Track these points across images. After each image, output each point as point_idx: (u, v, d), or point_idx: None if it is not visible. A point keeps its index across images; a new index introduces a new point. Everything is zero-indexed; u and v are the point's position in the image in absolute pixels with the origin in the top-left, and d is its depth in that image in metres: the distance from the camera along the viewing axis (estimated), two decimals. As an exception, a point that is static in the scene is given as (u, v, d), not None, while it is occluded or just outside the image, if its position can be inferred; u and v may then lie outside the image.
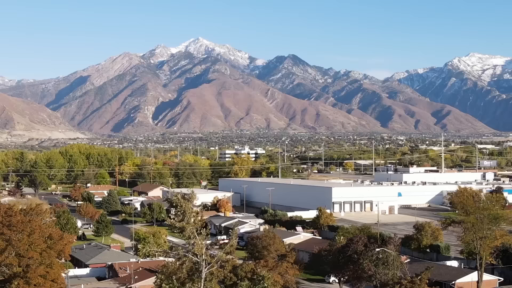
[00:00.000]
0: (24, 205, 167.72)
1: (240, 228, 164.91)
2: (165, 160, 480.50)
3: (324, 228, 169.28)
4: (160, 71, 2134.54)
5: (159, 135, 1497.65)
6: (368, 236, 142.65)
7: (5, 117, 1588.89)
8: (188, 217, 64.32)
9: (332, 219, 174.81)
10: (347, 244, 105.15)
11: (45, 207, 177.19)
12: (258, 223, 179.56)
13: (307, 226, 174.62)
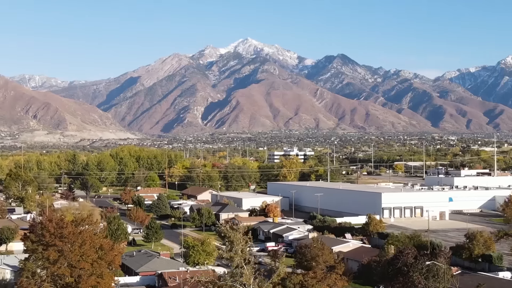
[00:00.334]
0: (76, 210, 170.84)
1: (289, 235, 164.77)
2: (214, 162, 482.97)
3: (373, 235, 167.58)
4: (209, 71, 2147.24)
5: (208, 136, 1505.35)
6: (418, 245, 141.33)
7: (58, 117, 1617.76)
8: (236, 247, 64.27)
9: (381, 226, 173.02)
10: (396, 255, 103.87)
11: (96, 212, 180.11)
12: (306, 229, 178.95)
13: (356, 233, 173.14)
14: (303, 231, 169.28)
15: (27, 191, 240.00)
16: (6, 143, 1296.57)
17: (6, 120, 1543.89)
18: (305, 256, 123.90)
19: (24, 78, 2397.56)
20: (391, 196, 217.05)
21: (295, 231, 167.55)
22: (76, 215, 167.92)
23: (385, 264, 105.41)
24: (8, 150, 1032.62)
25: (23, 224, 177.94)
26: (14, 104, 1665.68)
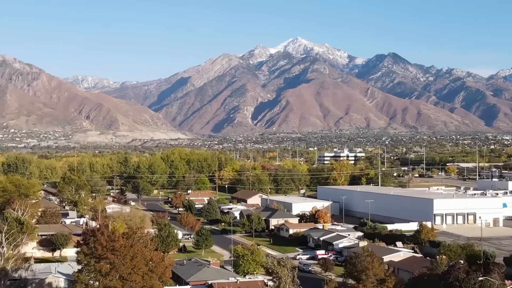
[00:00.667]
0: (128, 217, 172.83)
1: (339, 242, 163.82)
2: (263, 163, 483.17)
3: (425, 243, 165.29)
4: (259, 71, 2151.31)
5: (258, 135, 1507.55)
6: (471, 255, 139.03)
7: (110, 118, 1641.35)
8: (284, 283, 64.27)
9: (433, 234, 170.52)
10: (448, 270, 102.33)
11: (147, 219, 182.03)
12: (356, 236, 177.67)
13: (408, 241, 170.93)
14: (353, 239, 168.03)
15: (80, 195, 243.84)
16: (60, 144, 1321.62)
17: (60, 121, 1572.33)
18: (355, 267, 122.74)
19: (77, 79, 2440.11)
20: (443, 202, 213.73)
21: (345, 238, 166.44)
22: (127, 221, 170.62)
23: (437, 278, 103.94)
24: (62, 150, 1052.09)
25: (77, 229, 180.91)
26: (67, 105, 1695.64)
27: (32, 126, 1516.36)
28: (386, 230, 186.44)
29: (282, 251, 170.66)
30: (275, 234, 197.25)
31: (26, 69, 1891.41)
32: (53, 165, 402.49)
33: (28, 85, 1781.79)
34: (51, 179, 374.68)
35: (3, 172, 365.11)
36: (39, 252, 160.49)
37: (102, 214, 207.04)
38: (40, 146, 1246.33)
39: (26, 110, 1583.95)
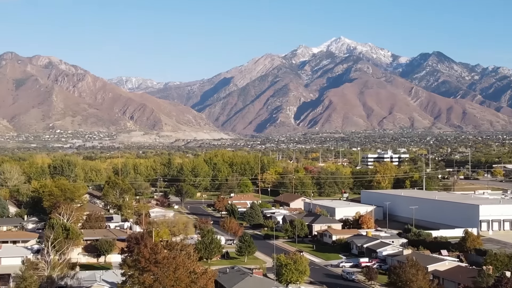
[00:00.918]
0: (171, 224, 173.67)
1: (383, 250, 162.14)
2: (306, 165, 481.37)
3: (470, 251, 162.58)
4: (301, 71, 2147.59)
5: (301, 135, 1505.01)
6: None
7: (154, 118, 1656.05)
8: None
9: (479, 242, 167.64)
10: (495, 284, 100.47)
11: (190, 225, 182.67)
12: (400, 243, 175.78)
13: (453, 248, 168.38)
14: (397, 246, 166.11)
15: (124, 199, 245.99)
16: (105, 144, 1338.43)
17: (105, 121, 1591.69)
18: (399, 278, 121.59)
19: (121, 80, 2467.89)
20: (489, 208, 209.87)
21: (389, 246, 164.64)
22: (171, 228, 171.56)
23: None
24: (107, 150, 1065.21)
25: (121, 234, 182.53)
26: (112, 105, 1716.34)
27: (78, 127, 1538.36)
28: (430, 237, 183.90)
29: (325, 258, 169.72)
30: (318, 240, 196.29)
31: (72, 70, 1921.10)
32: (97, 167, 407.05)
33: (73, 86, 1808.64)
34: (96, 181, 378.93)
35: (49, 174, 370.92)
36: (84, 258, 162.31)
37: (145, 219, 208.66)
38: (85, 146, 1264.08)
39: (72, 111, 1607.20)
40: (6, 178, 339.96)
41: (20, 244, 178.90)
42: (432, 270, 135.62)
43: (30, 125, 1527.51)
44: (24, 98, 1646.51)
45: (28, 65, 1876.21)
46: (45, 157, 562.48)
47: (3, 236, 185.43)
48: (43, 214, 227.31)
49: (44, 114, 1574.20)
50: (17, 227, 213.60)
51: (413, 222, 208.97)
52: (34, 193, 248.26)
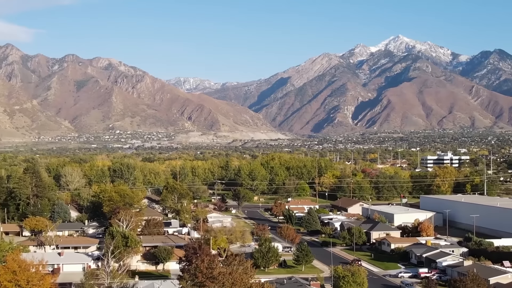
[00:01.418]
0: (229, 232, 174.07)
1: (442, 260, 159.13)
2: (364, 167, 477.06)
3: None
4: (359, 70, 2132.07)
5: (359, 135, 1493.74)
6: None
7: (211, 119, 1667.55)
8: None
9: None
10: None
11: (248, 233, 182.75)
12: (461, 253, 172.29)
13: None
14: (458, 257, 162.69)
15: (182, 204, 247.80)
16: (163, 144, 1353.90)
17: (163, 122, 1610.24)
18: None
19: (179, 81, 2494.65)
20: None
21: (449, 256, 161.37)
22: (228, 236, 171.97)
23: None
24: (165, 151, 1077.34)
25: (179, 240, 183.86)
26: (170, 106, 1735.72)
27: (137, 127, 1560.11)
28: (492, 247, 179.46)
29: (383, 268, 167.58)
30: (376, 248, 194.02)
31: (131, 71, 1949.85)
32: (156, 169, 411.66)
33: (132, 87, 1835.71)
34: (155, 184, 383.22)
35: (109, 177, 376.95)
36: (143, 266, 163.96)
37: (203, 225, 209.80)
38: (144, 147, 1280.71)
39: (131, 112, 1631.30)
40: (67, 181, 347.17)
41: (81, 250, 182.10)
42: (494, 283, 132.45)
43: (91, 125, 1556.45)
44: (85, 99, 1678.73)
45: (89, 67, 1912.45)
46: (105, 159, 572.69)
47: (65, 242, 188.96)
48: (103, 219, 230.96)
49: (104, 115, 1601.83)
50: (78, 232, 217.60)
51: (474, 230, 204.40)
52: (94, 198, 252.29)
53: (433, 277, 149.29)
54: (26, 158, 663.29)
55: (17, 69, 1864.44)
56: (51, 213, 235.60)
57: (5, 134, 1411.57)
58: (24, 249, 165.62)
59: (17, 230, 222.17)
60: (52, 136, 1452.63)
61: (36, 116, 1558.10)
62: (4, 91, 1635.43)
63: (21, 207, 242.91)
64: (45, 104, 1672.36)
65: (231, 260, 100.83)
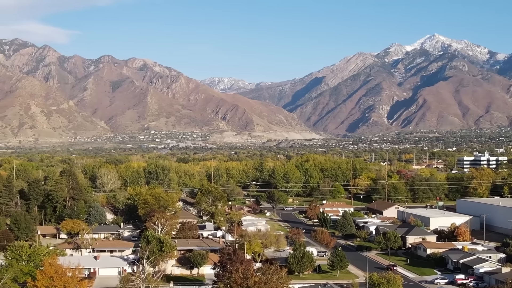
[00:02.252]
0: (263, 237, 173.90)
1: (480, 267, 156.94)
2: (399, 168, 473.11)
3: None
4: (394, 69, 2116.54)
5: (394, 135, 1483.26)
6: None
7: (245, 119, 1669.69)
8: None
9: None
10: None
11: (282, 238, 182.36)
12: (499, 259, 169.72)
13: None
14: (495, 263, 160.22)
15: (216, 207, 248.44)
16: (198, 144, 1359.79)
17: (198, 122, 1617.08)
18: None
19: (213, 81, 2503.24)
20: None
21: (487, 262, 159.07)
22: (263, 241, 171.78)
23: None
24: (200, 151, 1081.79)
25: (214, 244, 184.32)
26: (204, 106, 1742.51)
27: (171, 127, 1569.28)
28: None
29: (419, 274, 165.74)
30: (412, 253, 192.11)
31: (166, 72, 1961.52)
32: (191, 170, 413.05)
33: (167, 87, 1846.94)
34: (190, 185, 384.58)
35: (144, 178, 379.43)
36: (177, 270, 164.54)
37: (238, 228, 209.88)
38: (179, 147, 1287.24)
39: (166, 112, 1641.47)
40: (103, 183, 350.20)
41: (116, 254, 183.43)
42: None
43: (126, 126, 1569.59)
44: (120, 99, 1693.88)
45: (124, 67, 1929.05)
46: (140, 160, 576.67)
47: (101, 245, 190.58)
48: (138, 222, 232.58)
49: (139, 115, 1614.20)
50: (113, 235, 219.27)
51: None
52: (130, 200, 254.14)
53: (470, 284, 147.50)
54: (62, 158, 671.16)
55: (54, 70, 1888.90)
56: (87, 215, 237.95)
57: (42, 135, 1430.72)
58: (61, 253, 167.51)
59: (54, 232, 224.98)
60: (88, 136, 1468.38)
61: (73, 116, 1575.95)
62: (41, 92, 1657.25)
63: (58, 209, 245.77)
64: (81, 105, 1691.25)
65: (265, 269, 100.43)
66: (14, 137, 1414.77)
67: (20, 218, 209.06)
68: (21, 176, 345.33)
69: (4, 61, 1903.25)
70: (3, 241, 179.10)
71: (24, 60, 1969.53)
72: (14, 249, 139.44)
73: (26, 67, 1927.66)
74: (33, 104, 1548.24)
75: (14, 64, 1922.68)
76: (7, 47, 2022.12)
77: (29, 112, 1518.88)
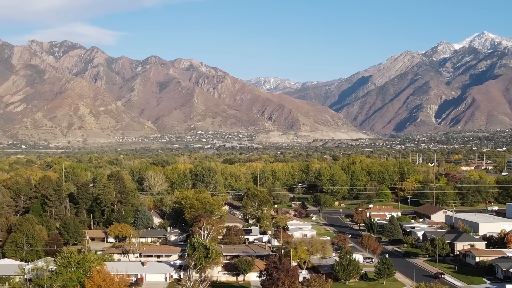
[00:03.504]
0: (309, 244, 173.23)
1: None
2: (448, 170, 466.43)
3: None
4: (442, 68, 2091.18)
5: (442, 135, 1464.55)
6: None
7: (292, 119, 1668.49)
8: None
9: None
10: None
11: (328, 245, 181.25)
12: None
13: None
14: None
15: (262, 211, 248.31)
16: (244, 144, 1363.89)
17: (244, 122, 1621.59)
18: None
19: (259, 81, 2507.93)
20: None
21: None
22: (309, 248, 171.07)
23: None
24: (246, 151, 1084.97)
25: (260, 250, 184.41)
26: (250, 106, 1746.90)
27: (218, 128, 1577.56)
28: None
29: (467, 282, 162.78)
30: (460, 260, 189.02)
31: (212, 72, 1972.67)
32: (237, 172, 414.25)
33: (213, 88, 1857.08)
34: (236, 187, 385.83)
35: (191, 180, 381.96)
36: (224, 276, 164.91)
37: (284, 234, 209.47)
38: (225, 147, 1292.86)
39: (212, 112, 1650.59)
40: (150, 185, 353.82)
41: (163, 259, 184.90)
42: None
43: (173, 126, 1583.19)
44: (167, 100, 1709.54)
45: (171, 68, 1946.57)
46: (186, 161, 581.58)
47: (148, 250, 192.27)
48: (185, 225, 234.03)
49: (186, 115, 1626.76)
50: (160, 239, 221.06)
51: None
52: (176, 204, 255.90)
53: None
54: (110, 159, 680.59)
55: (102, 71, 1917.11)
56: (135, 219, 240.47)
57: (91, 135, 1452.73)
58: (108, 258, 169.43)
59: (102, 236, 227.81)
60: (136, 137, 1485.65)
61: (120, 117, 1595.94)
62: (90, 93, 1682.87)
63: (106, 213, 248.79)
64: (129, 105, 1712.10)
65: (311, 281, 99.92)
66: (64, 138, 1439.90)
67: (69, 222, 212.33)
68: (70, 179, 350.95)
69: (54, 63, 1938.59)
70: (53, 246, 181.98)
71: (73, 62, 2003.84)
72: (63, 255, 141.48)
73: (75, 69, 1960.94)
74: (82, 105, 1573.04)
75: (64, 65, 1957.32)
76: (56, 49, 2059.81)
77: (78, 112, 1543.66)
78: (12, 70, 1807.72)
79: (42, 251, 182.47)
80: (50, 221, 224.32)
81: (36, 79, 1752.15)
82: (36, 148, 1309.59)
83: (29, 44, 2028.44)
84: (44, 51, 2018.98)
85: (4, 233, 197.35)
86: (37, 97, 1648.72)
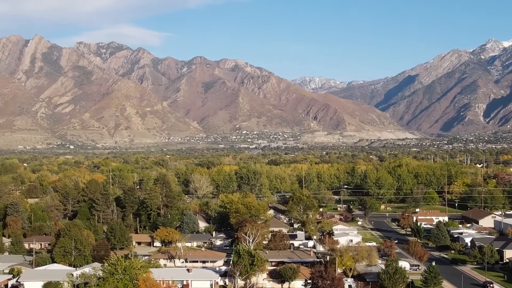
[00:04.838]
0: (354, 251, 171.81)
1: None
2: (496, 172, 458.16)
3: None
4: (491, 66, 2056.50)
5: (491, 134, 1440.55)
6: None
7: (337, 118, 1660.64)
8: None
9: None
10: None
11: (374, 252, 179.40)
12: None
13: None
14: None
15: (308, 216, 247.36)
16: (289, 144, 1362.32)
17: (289, 122, 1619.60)
18: None
19: (304, 80, 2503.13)
20: None
21: None
22: (354, 256, 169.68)
23: None
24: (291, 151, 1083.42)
25: (305, 256, 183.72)
26: (295, 106, 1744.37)
27: (263, 128, 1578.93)
28: None
29: None
30: (510, 269, 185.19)
31: (257, 72, 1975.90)
32: (282, 174, 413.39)
33: (258, 88, 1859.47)
34: (281, 189, 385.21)
35: (236, 182, 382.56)
36: (269, 284, 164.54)
37: (329, 239, 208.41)
38: (270, 147, 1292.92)
39: (257, 112, 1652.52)
40: (196, 188, 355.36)
41: (208, 265, 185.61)
42: None
43: (218, 126, 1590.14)
44: (212, 100, 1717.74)
45: (216, 68, 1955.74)
46: (231, 161, 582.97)
47: (193, 256, 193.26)
48: (230, 230, 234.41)
49: (231, 115, 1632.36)
50: (206, 244, 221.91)
51: None
52: (222, 208, 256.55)
53: None
54: (157, 160, 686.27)
55: (148, 72, 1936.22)
56: (180, 223, 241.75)
57: (137, 135, 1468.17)
58: (155, 264, 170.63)
59: (149, 240, 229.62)
60: (181, 137, 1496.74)
61: (166, 117, 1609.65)
62: (136, 93, 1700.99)
63: (152, 217, 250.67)
64: (175, 106, 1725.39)
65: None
66: (111, 138, 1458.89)
67: (116, 227, 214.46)
68: (117, 182, 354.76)
69: (101, 64, 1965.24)
70: (101, 251, 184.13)
71: (119, 63, 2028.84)
72: (110, 262, 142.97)
73: (121, 70, 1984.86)
74: (129, 106, 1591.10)
75: (110, 66, 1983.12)
76: (103, 51, 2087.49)
77: (124, 113, 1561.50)
78: (60, 71, 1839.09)
79: (90, 256, 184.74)
80: (97, 225, 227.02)
81: (83, 80, 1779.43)
82: (84, 148, 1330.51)
83: (77, 46, 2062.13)
84: (91, 52, 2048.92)
85: (53, 238, 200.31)
86: (84, 98, 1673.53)
